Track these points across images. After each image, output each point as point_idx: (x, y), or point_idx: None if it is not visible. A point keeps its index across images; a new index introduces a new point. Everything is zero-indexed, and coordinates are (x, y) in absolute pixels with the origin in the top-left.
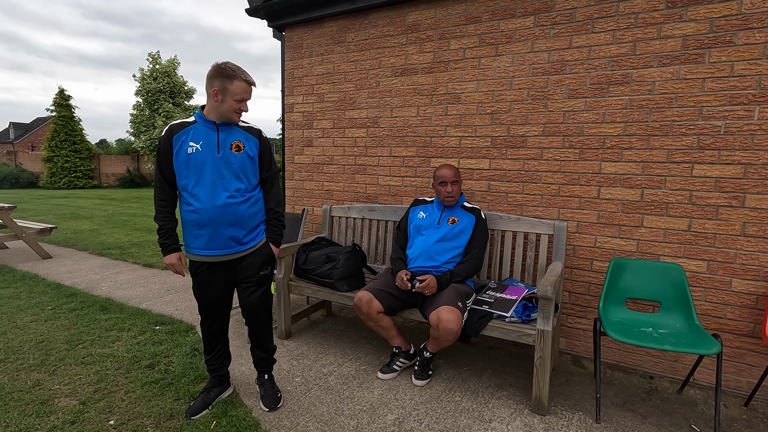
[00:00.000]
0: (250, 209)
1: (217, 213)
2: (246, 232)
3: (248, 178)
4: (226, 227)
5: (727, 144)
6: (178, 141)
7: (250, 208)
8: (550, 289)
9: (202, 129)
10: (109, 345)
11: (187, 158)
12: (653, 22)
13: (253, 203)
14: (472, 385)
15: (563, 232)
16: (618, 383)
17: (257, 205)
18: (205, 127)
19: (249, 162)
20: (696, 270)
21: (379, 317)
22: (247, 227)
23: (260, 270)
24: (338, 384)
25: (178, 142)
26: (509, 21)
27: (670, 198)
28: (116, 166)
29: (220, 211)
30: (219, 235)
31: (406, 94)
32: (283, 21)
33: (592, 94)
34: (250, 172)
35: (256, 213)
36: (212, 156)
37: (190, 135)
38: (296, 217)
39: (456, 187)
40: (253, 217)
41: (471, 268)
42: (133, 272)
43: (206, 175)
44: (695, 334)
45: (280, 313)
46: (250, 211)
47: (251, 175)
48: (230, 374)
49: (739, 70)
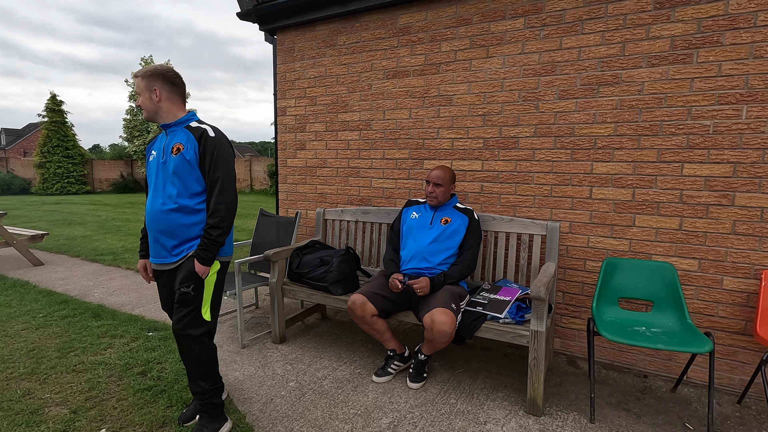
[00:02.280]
0: (184, 218)
1: (152, 219)
2: (177, 242)
3: (183, 183)
4: (159, 235)
5: (716, 143)
6: (148, 151)
7: (185, 217)
8: (542, 290)
9: (160, 135)
10: (101, 352)
11: (148, 167)
12: (641, 23)
13: (190, 212)
14: (467, 387)
15: (556, 232)
16: (612, 383)
17: (197, 216)
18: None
19: (184, 166)
20: (688, 268)
21: (373, 320)
22: (179, 237)
23: (180, 286)
24: (333, 388)
25: (149, 152)
26: (499, 23)
27: (661, 197)
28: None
29: (153, 218)
30: (155, 243)
31: (398, 96)
32: (274, 24)
33: (582, 94)
34: (186, 176)
35: (193, 224)
36: (157, 161)
37: (155, 143)
38: (289, 220)
39: (439, 189)
40: (188, 228)
41: (465, 269)
42: (126, 278)
43: (152, 181)
44: (688, 333)
45: (274, 317)
46: (184, 220)
47: (189, 180)
48: (223, 379)
49: (727, 69)
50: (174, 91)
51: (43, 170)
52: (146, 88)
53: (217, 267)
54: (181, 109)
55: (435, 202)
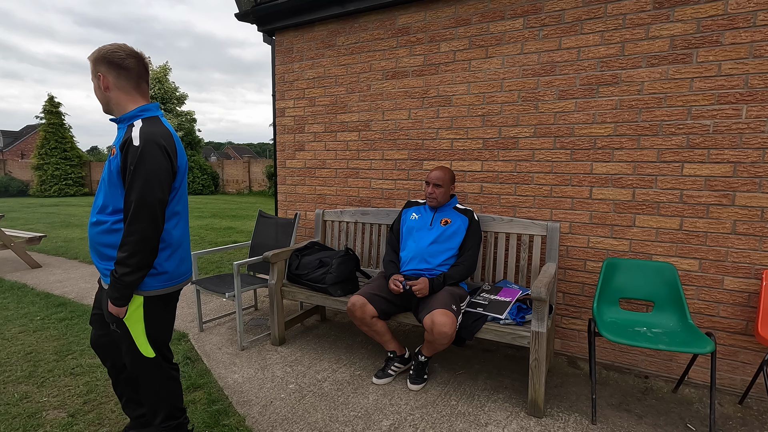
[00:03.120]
0: (102, 237)
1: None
2: (101, 261)
3: (110, 194)
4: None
5: (716, 143)
6: None
7: (103, 236)
8: (543, 291)
9: None
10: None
11: None
12: (641, 22)
13: (108, 231)
14: (468, 389)
15: (556, 232)
16: (613, 383)
17: (114, 237)
18: None
19: (110, 175)
20: (688, 269)
21: (373, 322)
22: (101, 257)
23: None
24: (333, 390)
25: None
26: (498, 23)
27: (662, 197)
28: None
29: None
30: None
31: (397, 97)
32: (273, 25)
33: (582, 94)
34: (113, 187)
35: (110, 245)
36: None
37: None
38: (288, 221)
39: (439, 190)
40: (106, 249)
41: (465, 270)
42: None
43: None
44: (689, 333)
45: (273, 319)
46: (102, 239)
47: (116, 192)
48: (222, 382)
49: (726, 69)
50: (122, 77)
51: (40, 172)
52: (93, 74)
53: (139, 302)
54: (132, 100)
55: (435, 203)
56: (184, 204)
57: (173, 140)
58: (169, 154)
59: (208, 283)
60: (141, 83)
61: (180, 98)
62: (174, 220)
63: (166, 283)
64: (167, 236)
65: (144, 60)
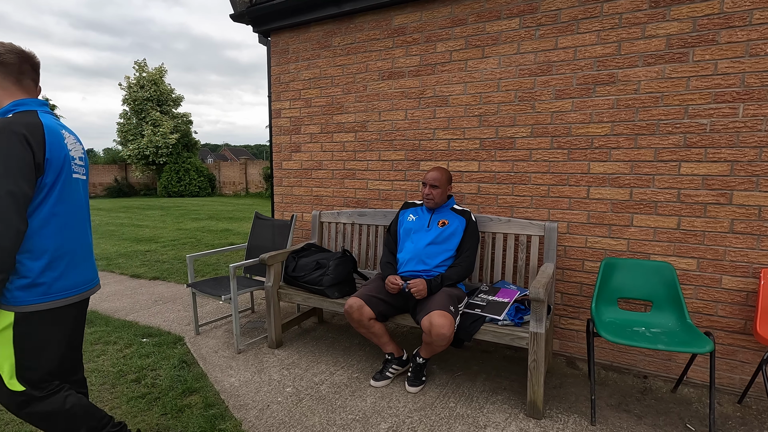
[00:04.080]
0: None
1: None
2: None
3: None
4: None
5: (713, 142)
6: None
7: None
8: (541, 291)
9: None
10: (94, 359)
11: None
12: (637, 21)
13: None
14: (467, 390)
15: (554, 233)
16: (612, 384)
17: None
18: None
19: None
20: (686, 268)
21: (370, 324)
22: None
23: None
24: (330, 393)
25: None
26: (495, 23)
27: (659, 197)
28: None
29: None
30: None
31: (393, 97)
32: (268, 26)
33: (578, 94)
34: None
35: None
36: None
37: None
38: (285, 223)
39: (436, 191)
40: None
41: (462, 271)
42: (120, 283)
43: None
44: (688, 333)
45: (270, 321)
46: None
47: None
48: (219, 386)
49: (723, 68)
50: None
51: None
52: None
53: (8, 320)
54: (9, 95)
55: (432, 203)
56: (72, 206)
57: (42, 131)
58: (30, 143)
59: (204, 286)
60: (23, 79)
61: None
62: (53, 224)
63: (43, 297)
64: (41, 241)
65: (31, 58)
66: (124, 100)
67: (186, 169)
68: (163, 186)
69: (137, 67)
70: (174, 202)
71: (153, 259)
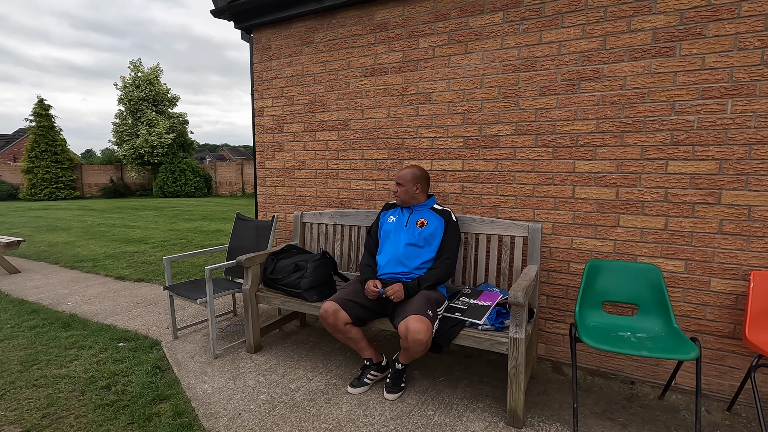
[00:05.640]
0: None
1: None
2: None
3: None
4: None
5: (701, 139)
6: None
7: None
8: (521, 295)
9: None
10: (66, 365)
11: None
12: (622, 15)
13: None
14: (447, 397)
15: (538, 234)
16: (598, 390)
17: None
18: None
19: None
20: (674, 270)
21: (346, 329)
22: None
23: None
24: (305, 401)
25: None
26: (478, 17)
27: (646, 196)
28: (99, 176)
29: None
30: None
31: (376, 94)
32: (250, 22)
33: (563, 90)
34: None
35: None
36: None
37: None
38: (267, 224)
39: (401, 189)
40: None
41: (442, 273)
42: (103, 285)
43: None
44: (673, 338)
45: (248, 325)
46: None
47: None
48: (191, 393)
49: (711, 62)
50: None
51: (30, 175)
52: None
53: None
54: None
55: (399, 201)
56: None
57: None
58: None
59: (181, 288)
60: None
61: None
62: None
63: None
64: None
65: None
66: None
67: (182, 170)
68: (158, 186)
69: (132, 66)
70: (169, 203)
71: (140, 260)
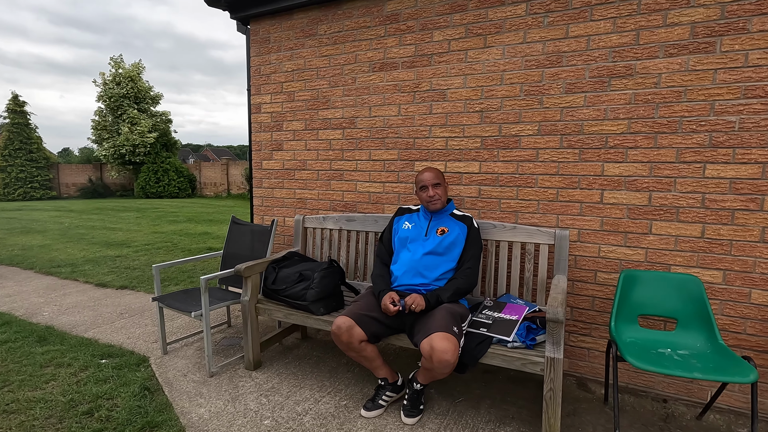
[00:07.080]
0: None
1: None
2: None
3: None
4: None
5: (743, 141)
6: None
7: None
8: (560, 311)
9: None
10: (41, 386)
11: None
12: (658, 8)
13: None
14: (470, 420)
15: (566, 241)
16: (630, 409)
17: None
18: None
19: None
20: (711, 281)
21: (362, 347)
22: None
23: None
24: (315, 426)
25: None
26: (498, 9)
27: (681, 202)
28: (77, 176)
29: None
30: None
31: (385, 91)
32: (246, 12)
33: (592, 88)
34: None
35: None
36: None
37: None
38: (265, 229)
39: (440, 189)
40: None
41: (464, 284)
42: (83, 293)
43: None
44: (723, 357)
45: (247, 340)
46: None
47: None
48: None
49: (754, 59)
50: None
51: (3, 175)
52: None
53: None
54: None
55: (440, 204)
56: None
57: None
58: None
59: (172, 300)
60: None
61: (154, 98)
62: None
63: None
64: None
65: None
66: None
67: (165, 170)
68: (140, 187)
69: (113, 63)
70: (151, 204)
71: (123, 265)
